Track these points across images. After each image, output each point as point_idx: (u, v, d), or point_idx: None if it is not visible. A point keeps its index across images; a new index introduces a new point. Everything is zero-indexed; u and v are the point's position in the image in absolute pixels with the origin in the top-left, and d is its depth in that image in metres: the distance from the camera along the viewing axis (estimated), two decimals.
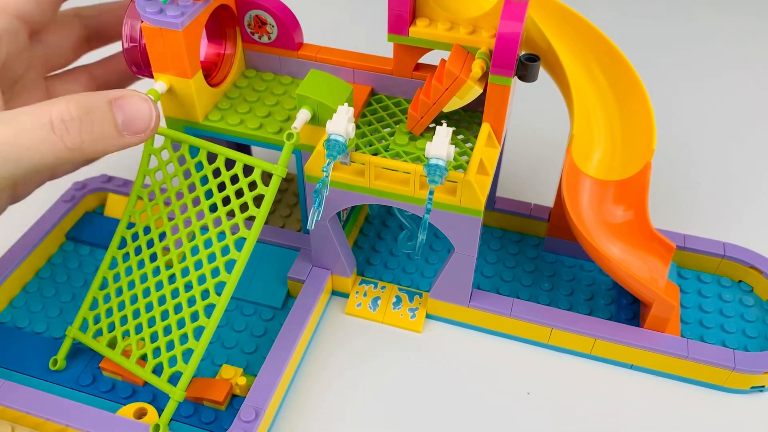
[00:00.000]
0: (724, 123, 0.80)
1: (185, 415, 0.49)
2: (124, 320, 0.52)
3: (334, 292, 0.60)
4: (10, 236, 0.63)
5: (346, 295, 0.59)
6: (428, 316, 0.58)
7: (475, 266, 0.55)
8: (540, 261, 0.62)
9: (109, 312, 0.52)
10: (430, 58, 0.56)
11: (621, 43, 0.54)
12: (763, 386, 0.53)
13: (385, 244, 0.63)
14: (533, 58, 0.50)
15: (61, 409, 0.47)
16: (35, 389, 0.49)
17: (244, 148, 0.64)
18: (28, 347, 0.53)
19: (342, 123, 0.46)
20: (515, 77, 0.50)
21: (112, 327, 0.52)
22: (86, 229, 0.63)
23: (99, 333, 0.52)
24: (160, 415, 0.49)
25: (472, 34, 0.51)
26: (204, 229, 0.57)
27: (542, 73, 0.54)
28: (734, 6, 1.01)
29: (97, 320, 0.52)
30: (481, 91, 0.50)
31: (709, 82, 0.86)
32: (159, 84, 0.52)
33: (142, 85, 0.75)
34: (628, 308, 0.57)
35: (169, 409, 0.46)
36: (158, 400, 0.50)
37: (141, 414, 0.49)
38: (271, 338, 0.54)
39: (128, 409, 0.49)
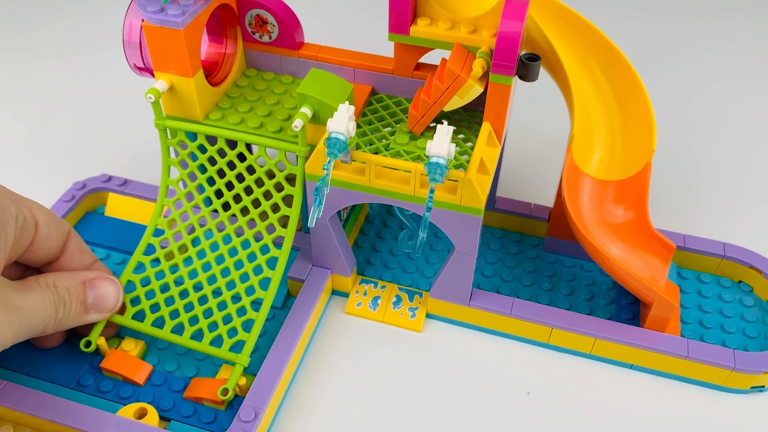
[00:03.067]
0: (725, 123, 0.80)
1: (185, 415, 0.49)
2: (169, 301, 0.54)
3: (334, 292, 0.59)
4: None
5: (346, 295, 0.59)
6: (428, 316, 0.58)
7: (476, 266, 0.54)
8: (540, 261, 0.61)
9: (150, 294, 0.54)
10: (431, 58, 0.56)
11: (621, 43, 0.54)
12: (763, 386, 0.52)
13: (385, 244, 0.63)
14: (534, 58, 0.49)
15: (61, 409, 0.47)
16: (36, 390, 0.49)
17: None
18: (30, 347, 0.53)
19: (343, 121, 0.46)
20: (516, 77, 0.50)
21: (156, 308, 0.54)
22: (87, 229, 0.63)
23: (141, 314, 0.53)
24: (160, 416, 0.49)
25: (472, 34, 0.51)
26: (245, 210, 0.59)
27: (543, 72, 0.54)
28: (735, 7, 1.01)
29: (135, 302, 0.53)
30: (481, 90, 0.50)
31: (710, 81, 0.86)
32: (160, 83, 0.52)
33: (144, 83, 0.75)
34: (628, 308, 0.57)
35: (236, 373, 0.49)
36: (158, 400, 0.50)
37: (141, 414, 0.48)
38: (271, 338, 0.54)
39: (128, 410, 0.48)
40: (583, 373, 0.54)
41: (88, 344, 0.51)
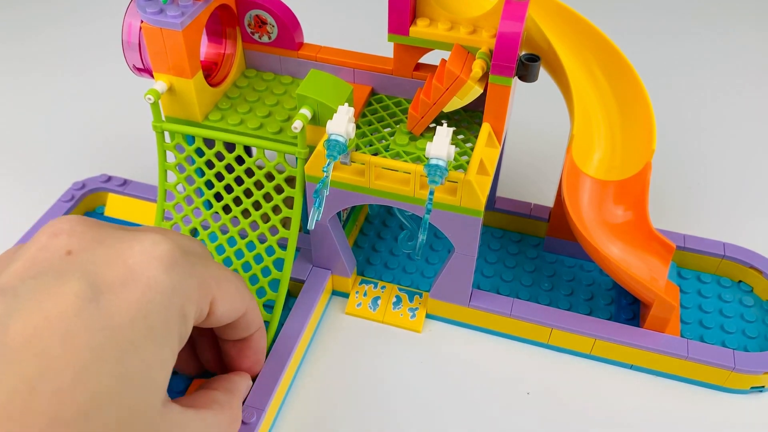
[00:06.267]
0: (724, 123, 0.80)
1: None
2: None
3: (334, 292, 0.59)
4: (10, 237, 0.62)
5: (346, 295, 0.59)
6: (428, 316, 0.58)
7: (475, 266, 0.54)
8: (540, 261, 0.61)
9: None
10: (431, 58, 0.56)
11: (622, 44, 0.54)
12: (763, 386, 0.52)
13: (385, 244, 0.63)
14: (533, 58, 0.49)
15: None
16: None
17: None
18: None
19: (342, 123, 0.45)
20: (515, 77, 0.50)
21: None
22: None
23: None
24: None
25: (472, 34, 0.51)
26: (246, 213, 0.60)
27: (542, 73, 0.53)
28: (737, 10, 1.01)
29: None
30: (481, 91, 0.50)
31: (710, 81, 0.86)
32: (159, 84, 0.52)
33: (144, 83, 0.75)
34: (627, 308, 0.57)
35: None
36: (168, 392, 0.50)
37: None
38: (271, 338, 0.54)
39: None
40: (582, 373, 0.54)
41: None
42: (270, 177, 0.57)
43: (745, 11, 1.00)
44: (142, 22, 0.50)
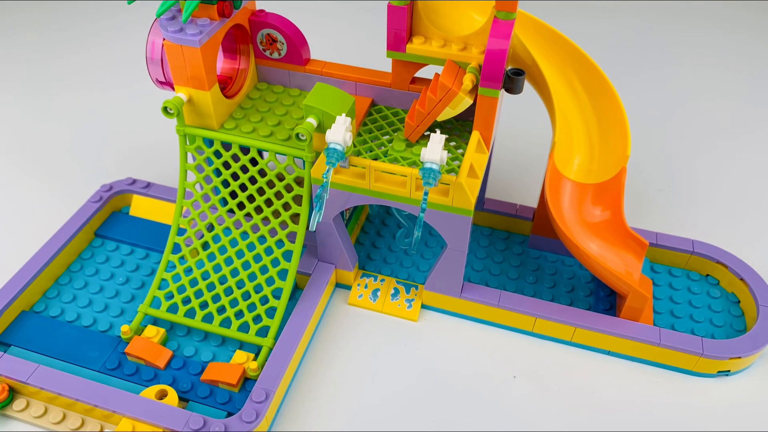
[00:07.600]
0: (692, 132, 0.80)
1: (202, 397, 0.49)
2: (199, 294, 0.55)
3: (337, 285, 0.60)
4: (46, 232, 0.63)
5: (348, 288, 0.59)
6: (423, 307, 0.58)
7: (466, 261, 0.54)
8: (525, 256, 0.62)
9: (181, 289, 0.55)
10: (426, 72, 0.56)
11: (598, 56, 0.54)
12: (729, 371, 0.52)
13: (384, 241, 0.63)
14: (519, 73, 0.50)
15: (89, 390, 0.47)
16: (66, 373, 0.49)
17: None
18: (61, 335, 0.53)
19: (340, 132, 0.46)
20: (502, 90, 0.50)
21: (187, 301, 0.55)
22: (113, 228, 0.63)
23: (174, 307, 0.55)
24: (179, 397, 0.49)
25: (463, 51, 0.51)
26: (258, 209, 0.61)
27: (527, 86, 0.54)
28: (705, 17, 1.01)
29: (169, 297, 0.55)
30: (471, 102, 0.50)
31: (677, 95, 0.86)
32: (179, 95, 0.52)
33: (164, 95, 0.75)
34: (605, 299, 0.57)
35: (263, 355, 0.50)
36: (178, 382, 0.50)
37: (162, 395, 0.49)
38: (280, 327, 0.54)
39: (150, 391, 0.49)
40: (564, 359, 0.54)
41: (126, 332, 0.52)
42: (280, 177, 0.58)
43: (719, 21, 1.00)
44: (164, 39, 0.50)
